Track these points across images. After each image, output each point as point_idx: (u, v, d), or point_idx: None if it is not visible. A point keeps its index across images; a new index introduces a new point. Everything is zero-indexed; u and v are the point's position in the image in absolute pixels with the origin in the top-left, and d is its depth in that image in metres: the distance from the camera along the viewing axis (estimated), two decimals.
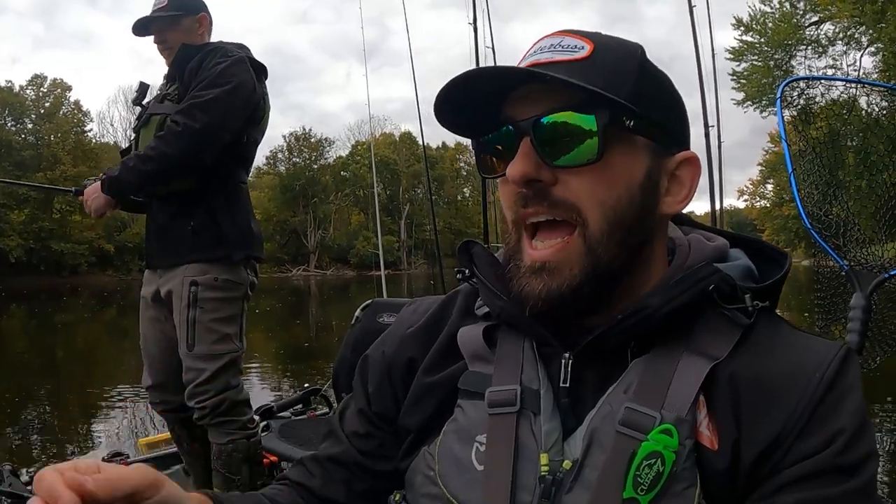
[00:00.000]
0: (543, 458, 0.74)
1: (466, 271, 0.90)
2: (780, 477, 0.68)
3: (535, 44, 0.80)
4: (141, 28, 2.78)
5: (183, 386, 2.67)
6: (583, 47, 0.76)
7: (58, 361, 11.60)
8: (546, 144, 0.74)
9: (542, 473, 0.73)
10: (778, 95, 2.09)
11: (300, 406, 3.92)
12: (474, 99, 0.78)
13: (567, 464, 0.73)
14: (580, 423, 0.75)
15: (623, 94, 0.73)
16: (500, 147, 0.80)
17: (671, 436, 0.69)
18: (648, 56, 0.79)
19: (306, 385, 4.21)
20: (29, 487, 2.63)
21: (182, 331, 2.64)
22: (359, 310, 3.32)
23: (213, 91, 2.57)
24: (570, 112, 0.74)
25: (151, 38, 2.81)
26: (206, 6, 2.85)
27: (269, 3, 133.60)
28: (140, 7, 2.93)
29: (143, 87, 2.98)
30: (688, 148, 0.83)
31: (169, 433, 3.17)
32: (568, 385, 0.78)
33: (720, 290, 0.75)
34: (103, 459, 3.45)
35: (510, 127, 0.77)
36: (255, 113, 2.75)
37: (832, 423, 0.69)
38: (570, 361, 0.78)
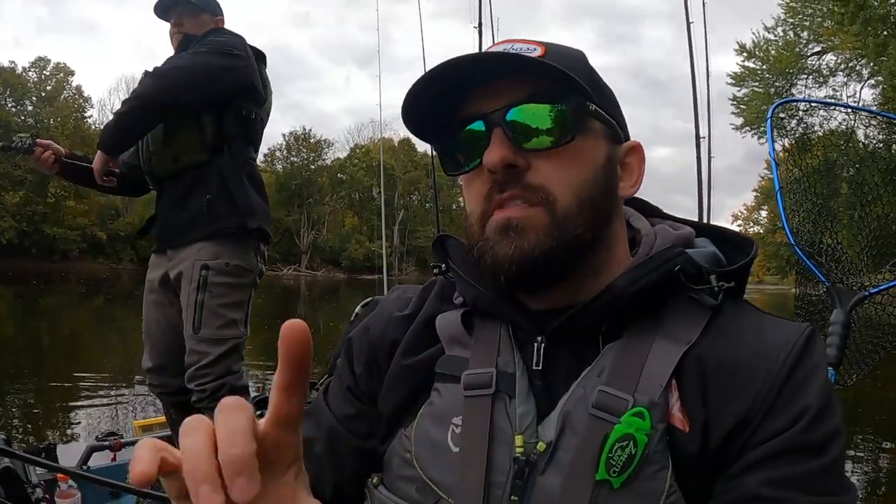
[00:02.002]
0: (518, 440, 0.74)
1: (443, 266, 0.91)
2: (748, 457, 0.69)
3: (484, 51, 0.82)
4: (163, 10, 2.86)
5: (182, 369, 2.70)
6: (535, 49, 0.78)
7: (45, 344, 11.56)
8: (519, 132, 0.76)
9: (517, 455, 0.74)
10: (768, 115, 2.17)
11: None
12: (434, 103, 0.80)
13: (541, 446, 0.73)
14: (555, 406, 0.76)
15: (583, 82, 0.76)
16: (469, 143, 0.80)
17: (643, 419, 0.70)
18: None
19: None
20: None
21: (189, 313, 2.67)
22: (359, 307, 3.36)
23: (205, 47, 2.71)
24: (538, 103, 0.76)
25: (163, 23, 2.89)
26: (223, 13, 2.97)
27: (271, 4, 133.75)
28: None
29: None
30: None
31: (164, 417, 3.21)
32: (541, 368, 0.79)
33: (686, 272, 0.77)
34: (96, 439, 3.51)
35: (480, 121, 0.78)
36: (254, 93, 2.83)
37: (797, 402, 0.70)
38: (543, 345, 0.79)
